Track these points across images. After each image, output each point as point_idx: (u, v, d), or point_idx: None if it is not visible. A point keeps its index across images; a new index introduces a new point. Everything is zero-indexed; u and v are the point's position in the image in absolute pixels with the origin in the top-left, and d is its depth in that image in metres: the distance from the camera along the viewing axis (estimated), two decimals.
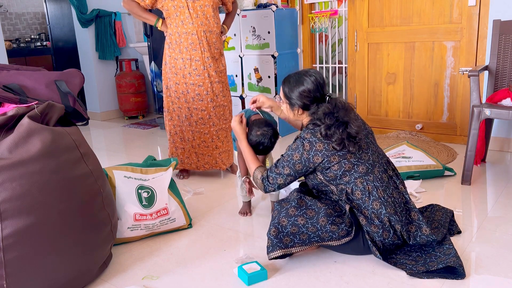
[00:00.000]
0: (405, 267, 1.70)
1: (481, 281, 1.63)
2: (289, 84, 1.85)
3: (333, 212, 1.74)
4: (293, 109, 1.85)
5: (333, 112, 1.72)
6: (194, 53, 2.68)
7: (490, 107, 2.47)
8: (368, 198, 1.75)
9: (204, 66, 2.70)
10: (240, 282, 1.70)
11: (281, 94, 1.92)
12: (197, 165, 2.87)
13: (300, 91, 1.80)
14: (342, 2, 3.95)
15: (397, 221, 1.74)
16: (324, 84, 1.83)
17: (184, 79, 2.72)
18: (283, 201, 1.83)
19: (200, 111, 2.74)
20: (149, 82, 5.14)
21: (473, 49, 3.27)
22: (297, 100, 1.82)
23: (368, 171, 1.77)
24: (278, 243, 1.71)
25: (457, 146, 3.37)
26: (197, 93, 2.72)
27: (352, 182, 1.76)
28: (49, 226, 1.49)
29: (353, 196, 1.76)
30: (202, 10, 2.65)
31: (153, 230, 2.06)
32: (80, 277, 1.65)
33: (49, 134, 1.54)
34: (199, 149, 2.82)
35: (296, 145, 1.78)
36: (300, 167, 1.78)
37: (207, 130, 2.77)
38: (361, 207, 1.75)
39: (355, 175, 1.76)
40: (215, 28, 2.72)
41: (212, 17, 2.69)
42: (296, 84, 1.82)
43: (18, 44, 6.53)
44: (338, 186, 1.79)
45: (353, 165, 1.75)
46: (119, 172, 2.02)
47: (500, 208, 2.24)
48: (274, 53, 3.75)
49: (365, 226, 1.73)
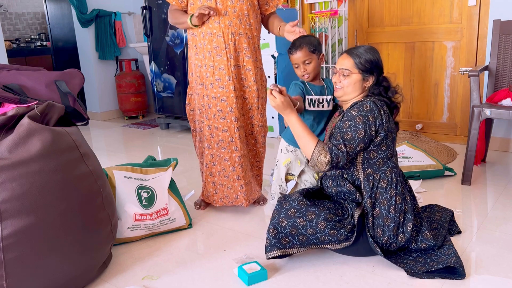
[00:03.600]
0: (405, 266, 1.70)
1: (481, 281, 1.63)
2: (362, 54, 1.80)
3: (333, 217, 1.72)
4: (365, 79, 1.80)
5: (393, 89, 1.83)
6: (219, 60, 2.15)
7: (490, 107, 2.47)
8: (392, 188, 1.75)
9: (229, 76, 2.15)
10: (240, 282, 1.70)
11: (347, 65, 1.81)
12: (214, 199, 2.34)
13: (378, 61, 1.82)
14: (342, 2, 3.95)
15: (409, 220, 1.75)
16: None
17: (206, 91, 2.20)
18: (284, 201, 1.81)
19: (221, 131, 2.19)
20: (149, 82, 5.14)
21: (473, 49, 3.27)
22: (375, 69, 1.80)
23: (397, 165, 1.82)
24: (277, 243, 1.71)
25: (457, 146, 3.37)
26: (219, 109, 2.18)
27: (383, 170, 1.77)
28: (49, 226, 1.49)
29: (379, 183, 1.76)
30: (233, 7, 2.11)
31: (153, 230, 2.06)
32: (80, 277, 1.65)
33: (49, 134, 1.54)
34: (218, 178, 2.28)
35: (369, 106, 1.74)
36: (374, 131, 1.73)
37: (228, 156, 2.23)
38: (381, 196, 1.75)
39: (389, 164, 1.78)
40: (251, 32, 2.18)
41: (246, 17, 2.15)
42: (373, 54, 1.80)
43: (18, 44, 6.53)
44: (367, 170, 1.78)
45: (392, 155, 1.80)
46: (119, 172, 2.02)
47: (500, 208, 2.24)
48: (274, 53, 3.75)
49: (376, 220, 1.74)
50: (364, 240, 1.74)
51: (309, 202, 1.75)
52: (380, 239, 1.74)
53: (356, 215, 1.71)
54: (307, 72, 2.03)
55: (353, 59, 1.80)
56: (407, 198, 1.77)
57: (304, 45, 2.00)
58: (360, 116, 1.72)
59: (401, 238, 1.74)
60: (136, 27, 5.31)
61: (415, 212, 1.81)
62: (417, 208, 1.83)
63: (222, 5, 2.10)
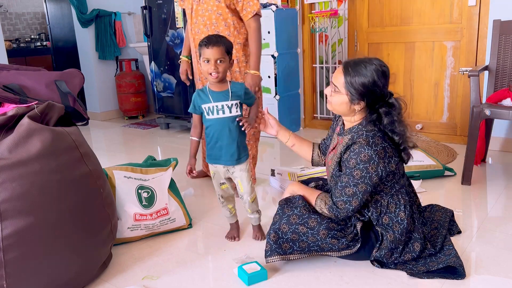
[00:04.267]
0: (405, 267, 1.70)
1: (481, 281, 1.63)
2: (358, 74, 1.57)
3: (335, 226, 1.69)
4: (353, 102, 1.61)
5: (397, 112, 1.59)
6: (195, 61, 2.40)
7: (490, 107, 2.47)
8: (401, 211, 1.67)
9: (200, 77, 2.40)
10: (240, 282, 1.70)
11: (338, 82, 1.63)
12: None
13: (376, 85, 1.57)
14: (342, 2, 3.95)
15: (416, 239, 1.71)
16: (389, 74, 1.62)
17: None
18: (286, 205, 1.78)
19: None
20: (149, 82, 5.14)
21: (473, 49, 3.27)
22: (369, 95, 1.57)
23: (404, 184, 1.72)
24: (277, 249, 1.70)
25: (457, 146, 3.37)
26: None
27: (390, 194, 1.67)
28: (49, 226, 1.49)
29: (387, 209, 1.68)
30: (202, 16, 2.32)
31: (153, 230, 2.06)
32: (80, 277, 1.65)
33: (49, 134, 1.54)
34: None
35: (368, 154, 1.56)
36: (377, 179, 1.58)
37: None
38: (391, 221, 1.67)
39: (397, 187, 1.67)
40: None
41: (214, 25, 2.31)
42: (371, 75, 1.56)
43: (18, 44, 6.53)
44: (374, 197, 1.67)
45: (401, 176, 1.69)
46: (119, 172, 2.02)
47: (500, 208, 2.24)
48: (274, 53, 3.75)
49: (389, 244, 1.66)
50: (366, 250, 1.72)
51: (311, 209, 1.74)
52: (387, 259, 1.71)
53: (359, 227, 1.69)
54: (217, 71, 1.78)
55: (345, 76, 1.60)
56: (413, 217, 1.72)
57: (222, 44, 1.79)
58: (358, 170, 1.57)
59: (407, 257, 1.71)
60: (136, 27, 5.31)
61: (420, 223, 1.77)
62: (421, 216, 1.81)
63: (195, 14, 2.33)
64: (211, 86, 1.86)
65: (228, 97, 1.84)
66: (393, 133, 1.60)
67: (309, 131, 4.18)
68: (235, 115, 1.86)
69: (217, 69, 1.77)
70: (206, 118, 1.87)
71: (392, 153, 1.61)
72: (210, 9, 2.29)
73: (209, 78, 1.82)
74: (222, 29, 2.31)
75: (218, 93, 1.85)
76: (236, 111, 1.86)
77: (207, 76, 1.81)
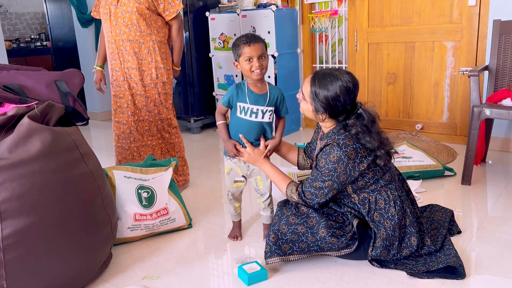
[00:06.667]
0: (405, 267, 1.70)
1: (481, 281, 1.63)
2: (323, 86, 1.63)
3: (334, 224, 1.70)
4: (317, 112, 1.67)
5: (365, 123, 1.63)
6: (114, 63, 2.52)
7: (490, 107, 2.47)
8: (391, 206, 1.69)
9: (124, 77, 2.51)
10: (240, 282, 1.70)
11: (305, 91, 1.70)
12: None
13: (338, 100, 1.62)
14: (342, 2, 3.95)
15: (412, 233, 1.71)
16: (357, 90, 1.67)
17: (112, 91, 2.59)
18: (284, 206, 1.79)
19: (121, 124, 2.55)
20: None
21: (473, 49, 3.27)
22: (330, 108, 1.64)
23: (391, 179, 1.73)
24: (277, 250, 1.70)
25: (457, 146, 3.37)
26: (118, 105, 2.55)
27: (377, 191, 1.70)
28: (49, 226, 1.49)
29: (376, 205, 1.70)
30: (123, 17, 2.42)
31: (153, 230, 2.06)
32: (80, 277, 1.65)
33: (49, 134, 1.54)
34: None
35: (337, 155, 1.61)
36: (345, 177, 1.64)
37: (128, 146, 2.56)
38: (382, 218, 1.69)
39: (382, 183, 1.70)
40: (142, 38, 2.44)
41: (135, 25, 2.42)
42: (334, 90, 1.61)
43: (18, 44, 6.53)
44: (361, 195, 1.71)
45: (384, 173, 1.70)
46: (119, 172, 2.02)
47: (500, 208, 2.24)
48: (274, 53, 3.75)
49: (383, 242, 1.67)
50: (365, 248, 1.72)
51: (309, 209, 1.74)
52: (385, 257, 1.71)
53: (355, 223, 1.69)
54: (261, 68, 1.79)
55: (311, 86, 1.67)
56: (407, 211, 1.73)
57: (261, 40, 1.81)
58: (326, 170, 1.64)
59: (405, 252, 1.72)
60: None
61: (415, 217, 1.78)
62: (416, 210, 1.81)
63: (114, 17, 2.43)
64: (250, 85, 1.85)
65: (265, 102, 1.85)
66: (361, 143, 1.63)
67: (309, 130, 4.18)
68: (267, 122, 1.88)
69: (261, 65, 1.79)
70: (237, 115, 1.88)
71: (366, 153, 1.64)
72: (130, 10, 2.40)
73: (252, 76, 1.81)
74: (144, 29, 2.44)
75: (257, 96, 1.84)
76: (268, 118, 1.88)
77: (249, 75, 1.81)
